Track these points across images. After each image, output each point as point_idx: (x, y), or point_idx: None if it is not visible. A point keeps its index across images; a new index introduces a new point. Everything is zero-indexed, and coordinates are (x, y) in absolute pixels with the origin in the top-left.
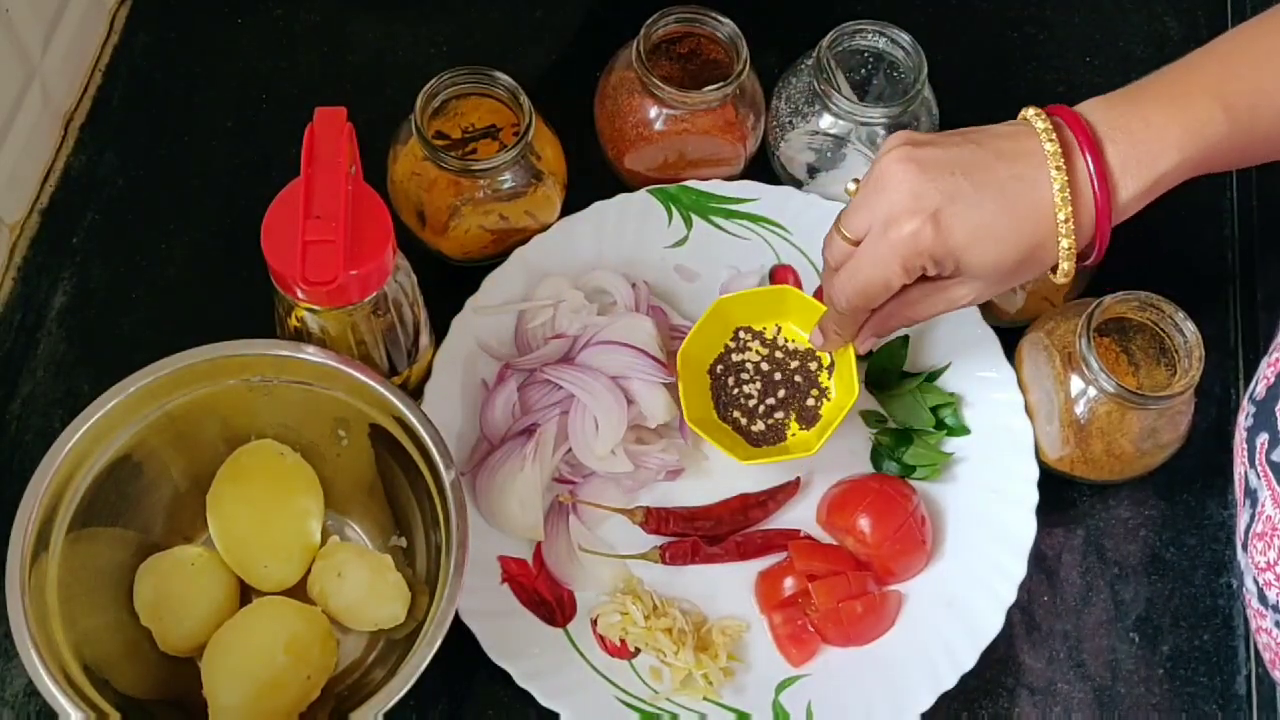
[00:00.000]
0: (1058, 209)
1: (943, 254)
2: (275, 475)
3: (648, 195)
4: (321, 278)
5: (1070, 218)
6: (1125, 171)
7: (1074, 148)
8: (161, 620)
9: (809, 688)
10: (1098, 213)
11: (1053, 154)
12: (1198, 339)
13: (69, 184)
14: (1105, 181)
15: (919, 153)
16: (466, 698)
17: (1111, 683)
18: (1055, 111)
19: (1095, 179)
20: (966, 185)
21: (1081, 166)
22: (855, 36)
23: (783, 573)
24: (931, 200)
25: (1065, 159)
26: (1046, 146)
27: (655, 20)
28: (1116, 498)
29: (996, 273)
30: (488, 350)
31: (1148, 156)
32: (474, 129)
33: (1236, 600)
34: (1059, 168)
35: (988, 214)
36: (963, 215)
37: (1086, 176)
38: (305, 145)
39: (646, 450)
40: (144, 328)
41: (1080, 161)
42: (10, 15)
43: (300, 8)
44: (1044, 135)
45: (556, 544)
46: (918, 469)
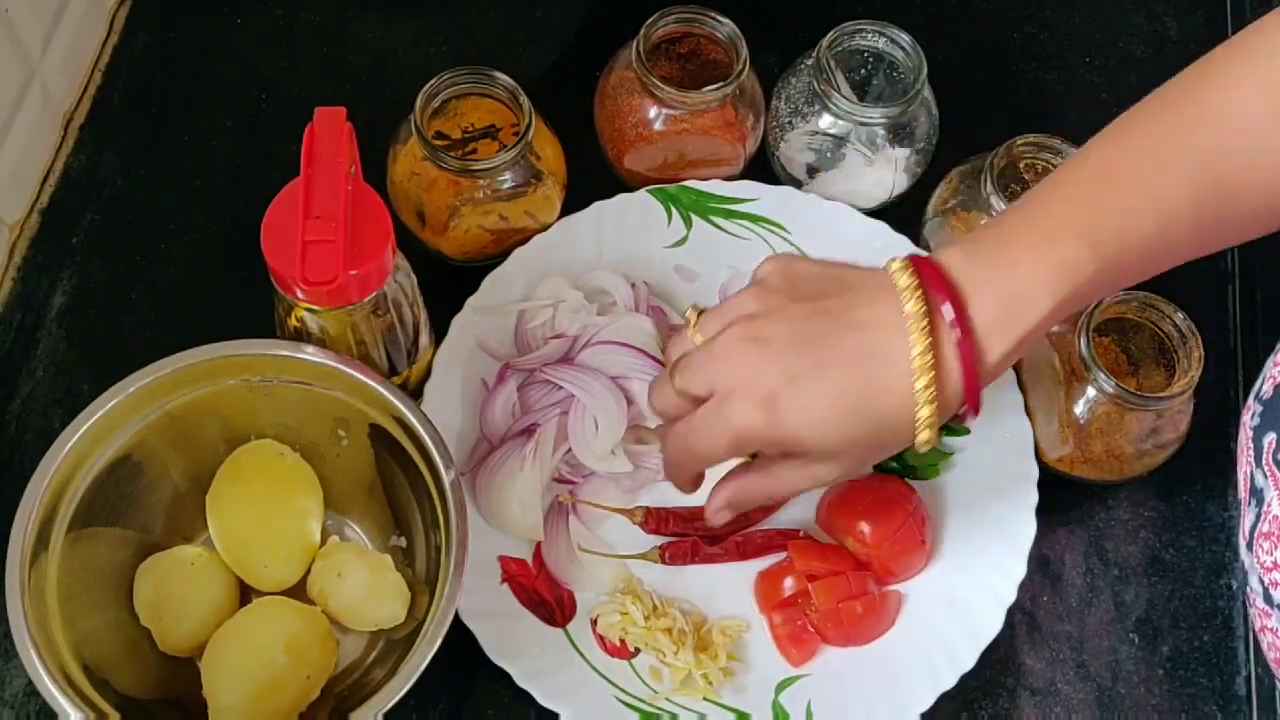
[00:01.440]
0: (916, 377)
1: (778, 439)
2: (275, 475)
3: (647, 195)
4: (321, 278)
5: (931, 384)
6: (993, 330)
7: (935, 308)
8: (161, 620)
9: (809, 688)
10: (965, 378)
11: (914, 315)
12: (1197, 339)
13: (69, 184)
14: (971, 344)
15: (763, 328)
16: (466, 698)
17: (1111, 683)
18: (918, 265)
19: (960, 343)
20: (809, 365)
21: (945, 330)
22: (855, 36)
23: (783, 573)
24: (768, 383)
25: (928, 319)
26: (907, 307)
27: (655, 20)
28: (1116, 498)
29: (848, 454)
30: (488, 350)
31: (1017, 310)
32: (474, 129)
33: (1236, 601)
34: (921, 331)
35: (830, 395)
36: (800, 399)
37: (950, 341)
38: (305, 145)
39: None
40: (144, 328)
41: (942, 324)
42: (10, 15)
43: (300, 8)
44: (905, 294)
45: (556, 544)
46: (918, 469)
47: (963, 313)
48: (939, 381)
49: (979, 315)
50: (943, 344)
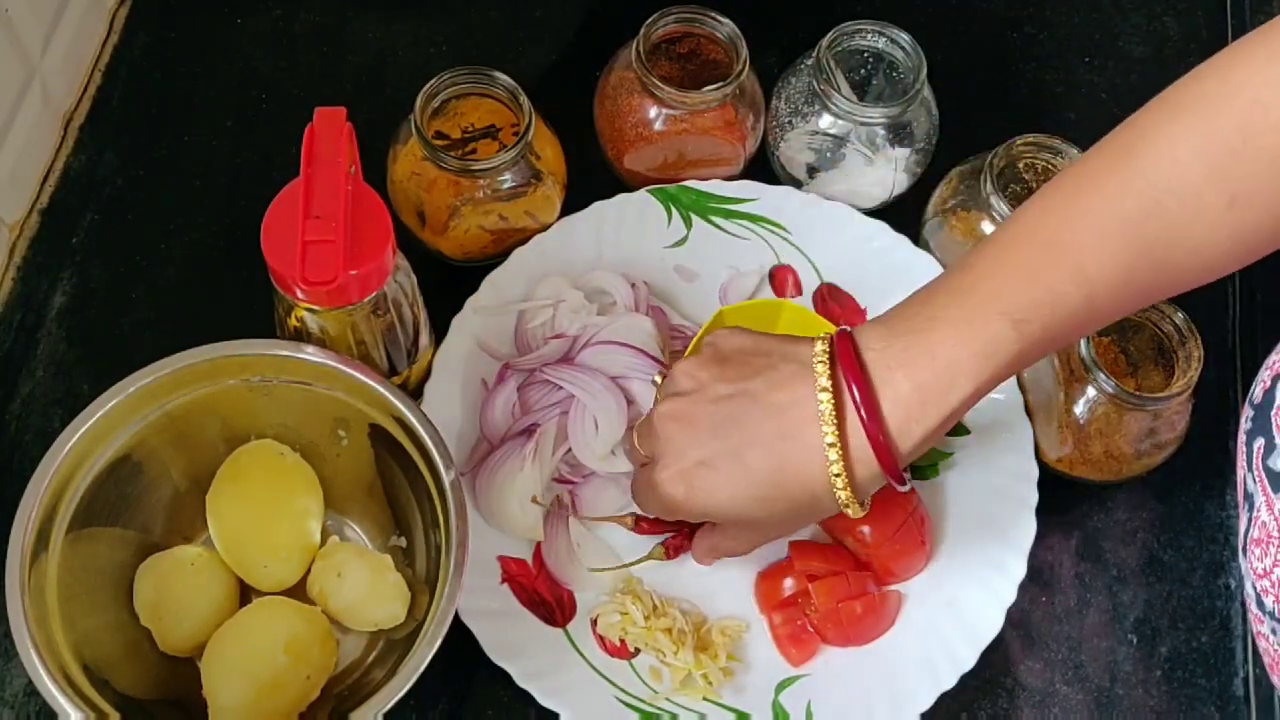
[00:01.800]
0: (829, 464)
1: (698, 512)
2: (275, 475)
3: (647, 195)
4: (321, 278)
5: (843, 471)
6: (909, 415)
7: (844, 397)
8: (161, 620)
9: (809, 688)
10: (880, 463)
11: (825, 403)
12: (1196, 340)
13: (69, 184)
14: (880, 431)
15: (689, 407)
16: (466, 698)
17: (1110, 684)
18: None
19: (868, 430)
20: (725, 448)
21: (853, 419)
22: (855, 36)
23: (782, 573)
24: (688, 462)
25: (836, 409)
26: (819, 397)
27: (655, 20)
28: (1115, 499)
29: (771, 524)
30: (488, 350)
31: (934, 394)
32: (474, 129)
33: (1234, 602)
34: (829, 422)
35: (746, 477)
36: (716, 480)
37: (859, 430)
38: (305, 145)
39: None
40: (144, 328)
41: (852, 413)
42: (10, 15)
43: (300, 8)
44: (819, 380)
45: (556, 544)
46: (917, 469)
47: (871, 401)
48: (849, 467)
49: (893, 401)
50: (850, 434)
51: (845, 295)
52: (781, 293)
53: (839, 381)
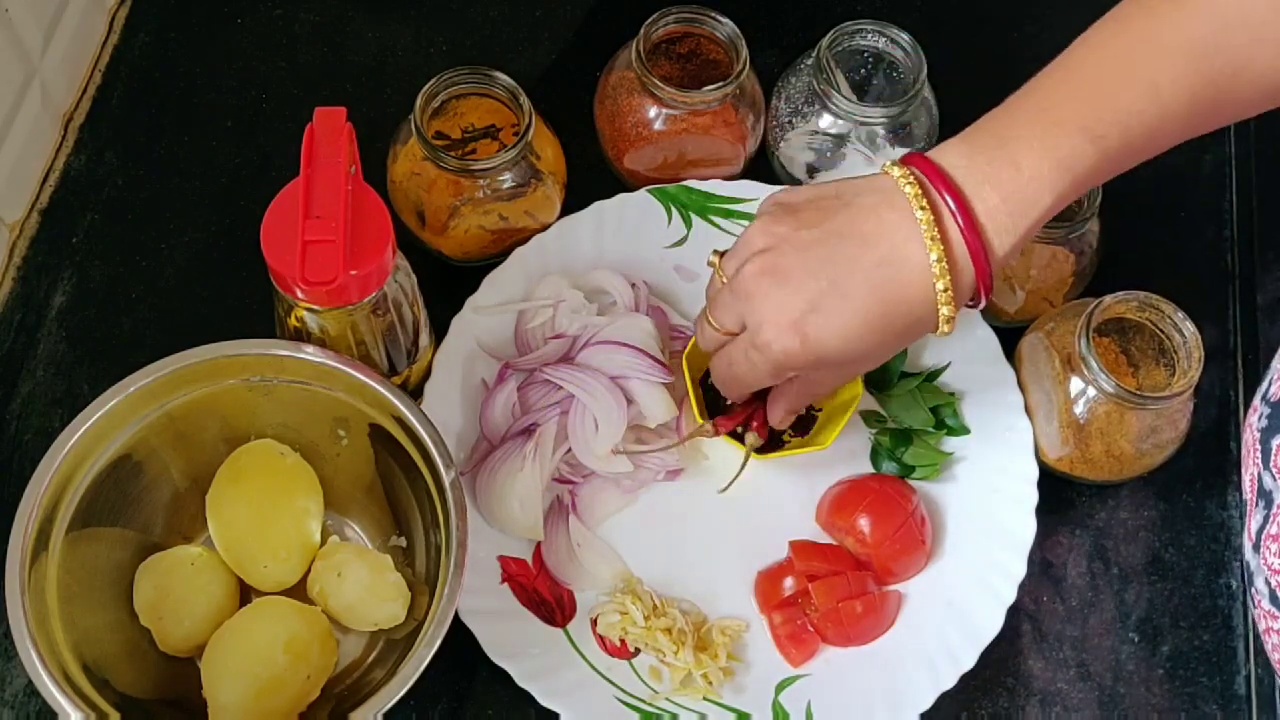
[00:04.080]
0: (935, 279)
1: (813, 360)
2: (275, 475)
3: (647, 195)
4: (321, 278)
5: (949, 286)
6: (999, 225)
7: (943, 212)
8: (161, 620)
9: (809, 688)
10: (977, 272)
11: (924, 222)
12: (1197, 339)
13: (69, 184)
14: (980, 242)
15: (777, 260)
16: (466, 698)
17: (1112, 683)
18: (917, 165)
19: (969, 243)
20: (827, 288)
21: (954, 232)
22: (855, 36)
23: (783, 573)
24: (793, 312)
25: (938, 225)
26: (917, 215)
27: (655, 20)
28: (1116, 498)
29: (878, 352)
30: (487, 350)
31: (1021, 205)
32: (474, 129)
33: (1236, 600)
34: (933, 239)
35: (855, 312)
36: (827, 322)
37: (960, 243)
38: (305, 145)
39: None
40: (144, 328)
41: (951, 228)
42: (10, 15)
43: (300, 8)
44: (912, 202)
45: (556, 544)
46: (917, 469)
47: (969, 214)
48: (954, 280)
49: (984, 213)
50: (954, 247)
51: None
52: None
53: (934, 199)
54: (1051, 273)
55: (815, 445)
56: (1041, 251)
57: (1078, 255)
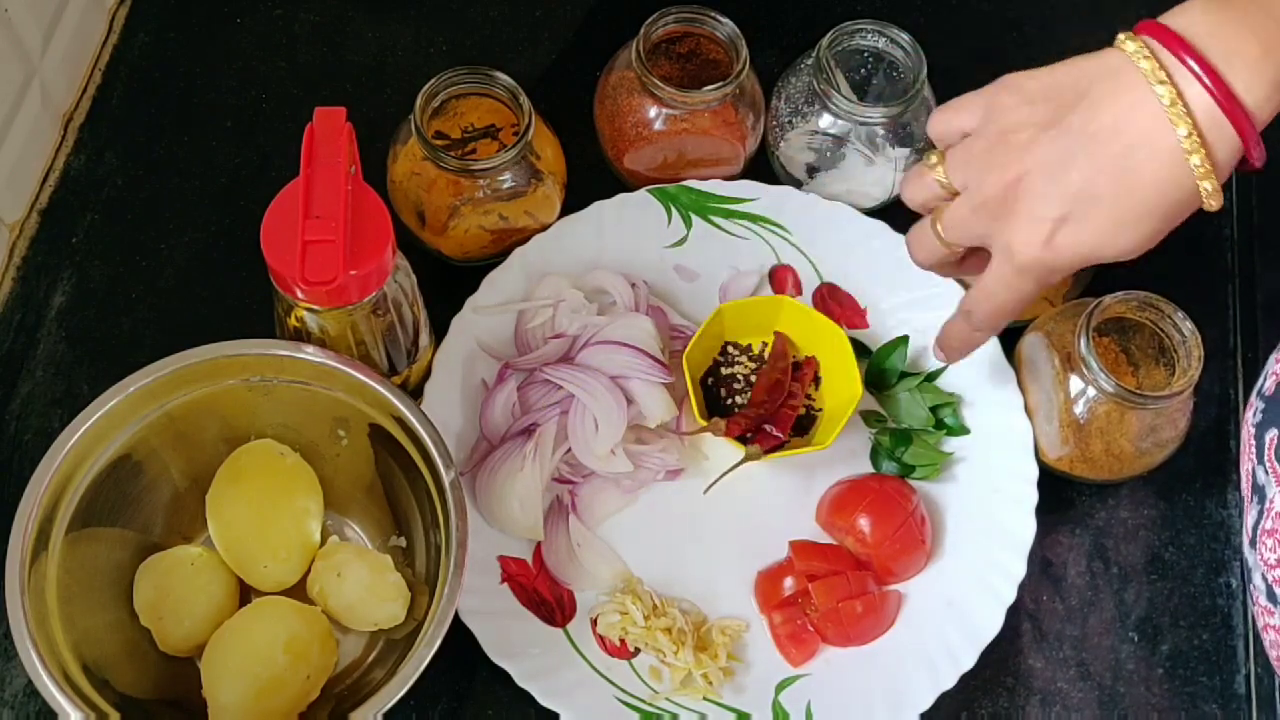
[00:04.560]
0: (1187, 155)
1: (1079, 263)
2: (275, 475)
3: (647, 195)
4: (321, 278)
5: (1205, 160)
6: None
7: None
8: (161, 620)
9: (809, 687)
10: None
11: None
12: (1197, 339)
13: (68, 184)
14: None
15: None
16: (466, 698)
17: (1111, 682)
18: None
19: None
20: (1076, 193)
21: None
22: (855, 36)
23: (782, 573)
24: (1044, 228)
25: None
26: (1157, 90)
27: (655, 20)
28: (1116, 497)
29: (1146, 244)
30: (487, 350)
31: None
32: (474, 129)
33: (1236, 600)
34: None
35: (1108, 212)
36: (1081, 230)
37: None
38: (305, 145)
39: (646, 450)
40: (144, 328)
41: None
42: (10, 15)
43: (300, 8)
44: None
45: (556, 544)
46: (917, 469)
47: (1214, 74)
48: (1211, 154)
49: (1243, 67)
50: (1203, 118)
51: (845, 295)
52: (781, 292)
53: (1172, 68)
54: None
55: (815, 445)
56: None
57: None
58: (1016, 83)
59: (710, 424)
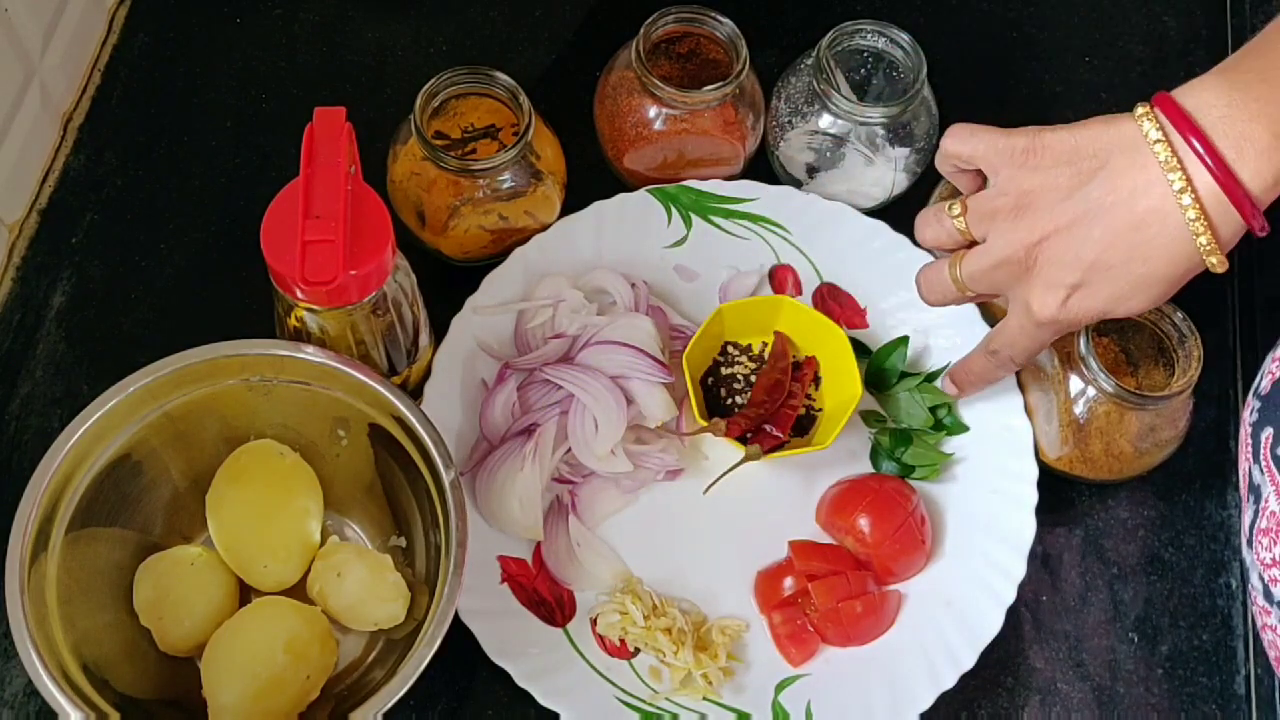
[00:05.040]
0: (1195, 236)
1: (1092, 320)
2: (275, 475)
3: (647, 195)
4: (321, 278)
5: (1211, 238)
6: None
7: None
8: (161, 620)
9: (808, 687)
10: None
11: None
12: (1196, 339)
13: (68, 184)
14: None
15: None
16: (466, 698)
17: (1111, 682)
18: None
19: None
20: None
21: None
22: (855, 36)
23: (782, 573)
24: (1060, 291)
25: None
26: (1168, 177)
27: (655, 20)
28: (1115, 498)
29: (1152, 305)
30: (487, 350)
31: None
32: (474, 129)
33: (1235, 600)
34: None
35: (1118, 279)
36: (1093, 295)
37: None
38: (305, 145)
39: (646, 450)
40: (144, 328)
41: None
42: (10, 15)
43: (300, 8)
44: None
45: (556, 544)
46: (917, 469)
47: (1219, 160)
48: (1216, 233)
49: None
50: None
51: (845, 295)
52: (781, 292)
53: (1180, 151)
54: None
55: (815, 445)
56: None
57: None
58: (1042, 142)
59: (710, 424)
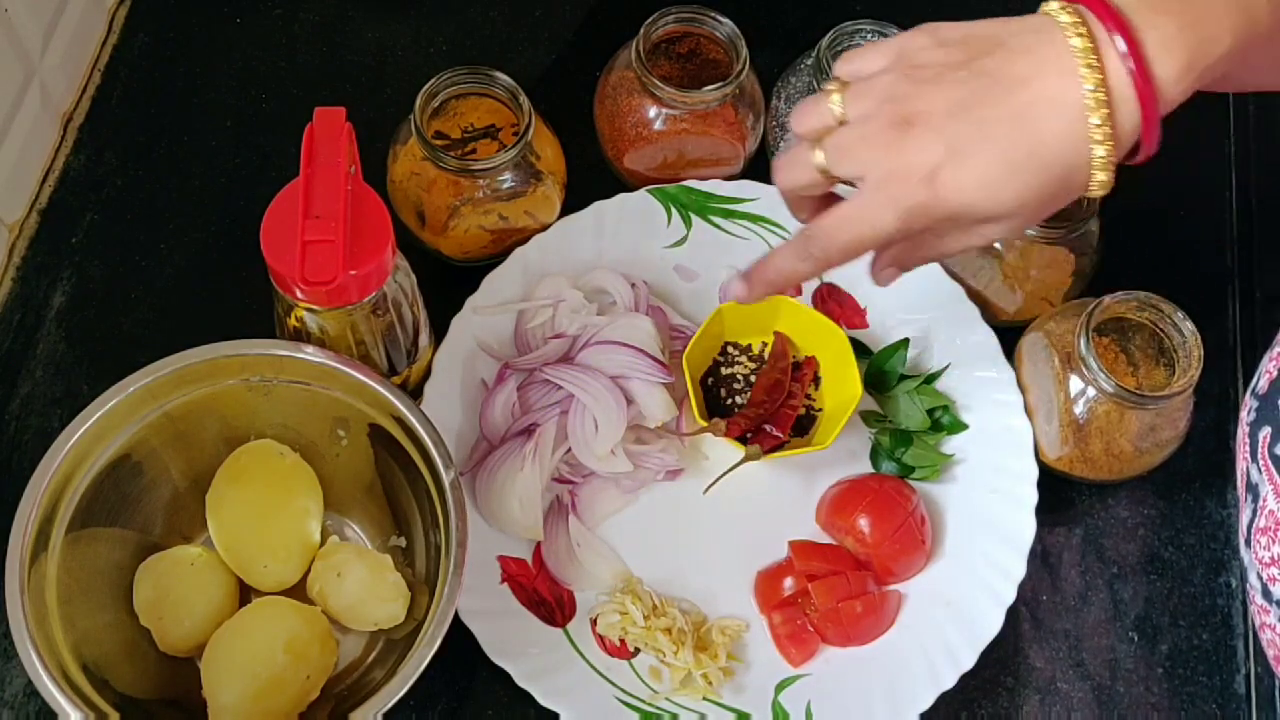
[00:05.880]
0: (1089, 113)
1: (948, 213)
2: (275, 475)
3: (647, 195)
4: (321, 278)
5: (1105, 120)
6: (1176, 59)
7: (1102, 38)
8: (161, 620)
9: (808, 687)
10: (1142, 109)
11: (1080, 50)
12: (1196, 339)
13: (68, 184)
14: (1145, 73)
15: (917, 105)
16: (466, 698)
17: (1111, 682)
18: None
19: (1134, 73)
20: (970, 133)
21: (1116, 61)
22: (854, 36)
23: (782, 573)
24: (929, 161)
25: (1096, 55)
26: (1073, 42)
27: (655, 20)
28: (1115, 497)
29: (1021, 211)
30: (487, 350)
31: (1201, 40)
32: (473, 129)
33: (1235, 599)
34: (1089, 65)
35: (998, 158)
36: (967, 170)
37: (1123, 72)
38: (305, 145)
39: (646, 450)
40: (144, 328)
41: (1112, 56)
42: (10, 15)
43: (300, 8)
44: (1068, 30)
45: (556, 544)
46: (917, 469)
47: (1132, 39)
48: (1113, 117)
49: (1157, 41)
50: (1113, 76)
51: (845, 295)
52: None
53: (1093, 25)
54: (1051, 273)
55: (815, 445)
56: (1041, 252)
57: (1078, 255)
58: (934, 27)
59: (710, 424)
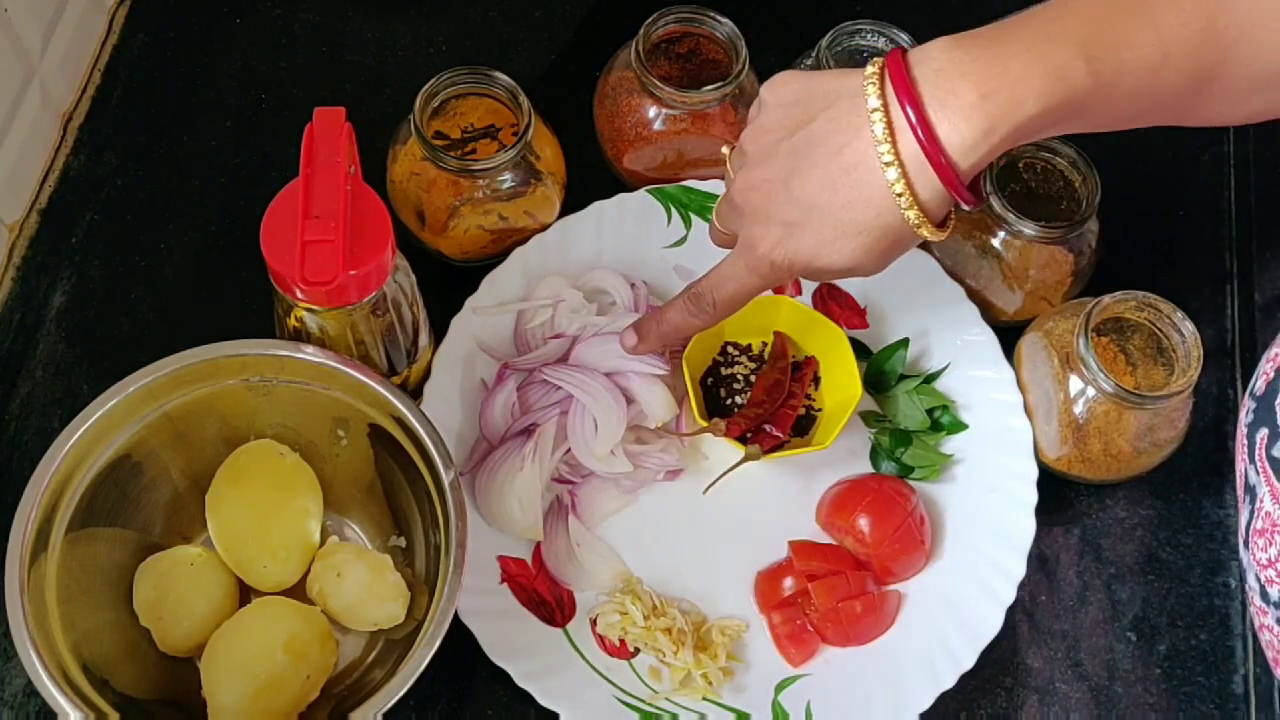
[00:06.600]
0: (891, 181)
1: (798, 270)
2: (275, 475)
3: (647, 195)
4: (321, 278)
5: (906, 189)
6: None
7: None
8: (161, 620)
9: (808, 687)
10: (944, 182)
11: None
12: (1196, 339)
13: (68, 184)
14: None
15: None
16: (466, 698)
17: (1109, 682)
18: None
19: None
20: (802, 203)
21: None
22: (854, 36)
23: (782, 573)
24: (775, 227)
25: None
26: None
27: (655, 20)
28: (1114, 497)
29: (866, 262)
30: (487, 350)
31: (1003, 107)
32: (473, 129)
33: (1234, 600)
34: (889, 152)
35: (829, 224)
36: (804, 239)
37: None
38: (304, 145)
39: (646, 450)
40: (144, 328)
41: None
42: (10, 15)
43: (300, 8)
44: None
45: (556, 544)
46: (916, 469)
47: (923, 115)
48: (910, 186)
49: (958, 111)
50: (905, 146)
51: (845, 295)
52: (781, 292)
53: (888, 100)
54: (1050, 273)
55: (815, 445)
56: (1041, 251)
57: (1076, 255)
58: (782, 82)
59: (710, 424)
